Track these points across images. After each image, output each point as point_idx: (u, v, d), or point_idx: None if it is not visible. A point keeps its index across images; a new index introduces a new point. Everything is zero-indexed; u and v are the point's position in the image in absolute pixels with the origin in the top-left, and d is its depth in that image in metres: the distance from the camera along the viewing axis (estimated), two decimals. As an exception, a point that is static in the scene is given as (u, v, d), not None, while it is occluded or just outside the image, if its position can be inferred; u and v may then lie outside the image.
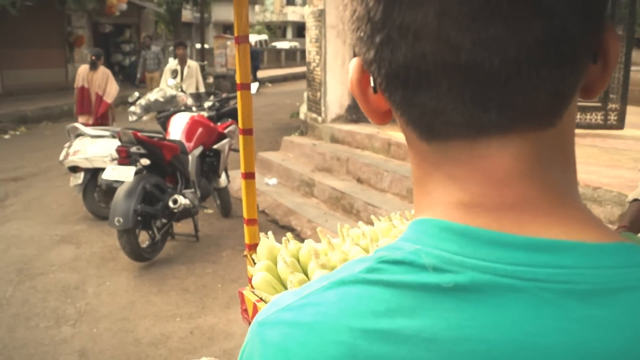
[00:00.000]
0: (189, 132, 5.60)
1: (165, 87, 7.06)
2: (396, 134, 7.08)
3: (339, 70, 8.11)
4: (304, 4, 27.24)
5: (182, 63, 9.13)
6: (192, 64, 9.20)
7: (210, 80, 15.69)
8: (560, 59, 0.40)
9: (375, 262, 0.45)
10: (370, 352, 0.42)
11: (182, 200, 5.01)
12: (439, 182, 0.46)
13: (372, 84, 0.48)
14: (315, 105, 8.53)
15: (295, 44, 35.28)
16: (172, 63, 9.22)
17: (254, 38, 29.47)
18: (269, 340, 0.46)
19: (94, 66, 8.09)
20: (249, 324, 1.71)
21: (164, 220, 5.07)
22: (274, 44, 34.84)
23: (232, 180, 6.41)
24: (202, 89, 8.82)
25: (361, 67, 0.48)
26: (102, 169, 5.32)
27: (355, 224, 2.13)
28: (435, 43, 0.40)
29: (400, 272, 0.43)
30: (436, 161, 0.46)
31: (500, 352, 0.39)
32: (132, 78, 19.18)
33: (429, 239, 0.44)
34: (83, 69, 8.21)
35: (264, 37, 33.48)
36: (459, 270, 0.41)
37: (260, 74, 23.50)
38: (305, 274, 1.52)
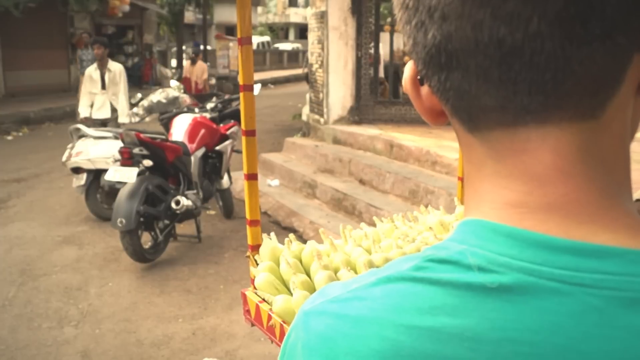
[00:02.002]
0: (192, 134, 5.60)
1: (167, 88, 7.08)
2: (398, 135, 7.08)
3: (341, 71, 8.11)
4: (306, 5, 27.26)
5: (102, 66, 7.27)
6: (115, 67, 7.32)
7: (213, 81, 15.73)
8: (589, 37, 0.39)
9: (422, 261, 0.45)
10: (413, 349, 0.42)
11: (185, 202, 5.01)
12: (485, 179, 0.46)
13: (418, 77, 0.48)
14: (317, 106, 8.54)
15: (297, 45, 35.30)
16: (91, 67, 7.44)
17: (256, 39, 29.50)
18: (313, 329, 0.47)
19: (193, 62, 11.20)
20: (252, 324, 1.71)
21: (167, 222, 5.07)
22: (276, 45, 34.87)
23: (235, 181, 6.42)
24: (123, 103, 7.22)
25: (414, 66, 0.48)
26: (105, 170, 5.34)
27: (357, 225, 2.13)
28: (459, 21, 0.41)
29: (446, 270, 0.43)
30: (482, 156, 0.46)
31: (542, 356, 0.39)
32: (134, 79, 19.27)
33: (475, 239, 0.44)
34: (187, 63, 11.45)
35: (267, 38, 33.54)
36: (504, 271, 0.41)
37: (263, 75, 23.53)
38: (308, 274, 1.52)
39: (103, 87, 7.29)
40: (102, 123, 7.24)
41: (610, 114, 0.42)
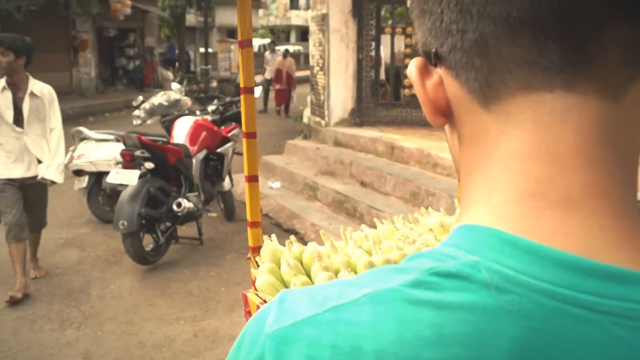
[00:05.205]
0: (193, 136, 5.62)
1: (169, 91, 7.09)
2: (399, 138, 7.09)
3: (342, 74, 8.12)
4: (307, 8, 27.29)
5: (16, 88, 4.27)
6: (44, 90, 4.42)
7: (214, 84, 15.75)
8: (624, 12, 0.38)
9: (423, 274, 0.39)
10: None
11: (186, 204, 5.02)
12: (497, 163, 0.42)
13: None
14: (318, 108, 8.55)
15: (298, 47, 35.33)
16: None
17: (257, 42, 29.54)
18: None
19: (284, 57, 14.57)
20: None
21: (168, 224, 5.08)
22: (277, 47, 34.90)
23: (236, 183, 6.43)
24: (60, 146, 4.42)
25: (423, 60, 0.47)
26: (107, 173, 5.35)
27: (358, 227, 2.14)
28: None
29: (455, 288, 0.37)
30: (497, 133, 0.42)
31: None
32: (136, 82, 19.32)
33: (487, 250, 0.39)
34: (279, 58, 14.65)
35: (268, 41, 33.55)
36: (524, 292, 0.36)
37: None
38: (309, 276, 1.53)
39: (18, 122, 4.28)
40: (20, 185, 4.36)
41: (632, 99, 0.40)
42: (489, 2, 0.40)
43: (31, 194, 4.46)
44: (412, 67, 0.47)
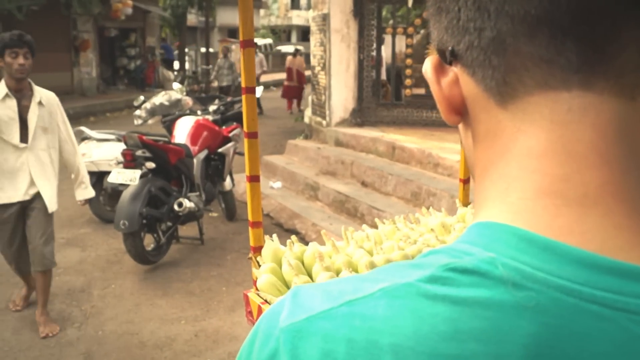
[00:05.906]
0: (194, 136, 5.62)
1: (170, 91, 7.09)
2: (400, 138, 7.09)
3: (344, 74, 8.13)
4: (308, 7, 27.31)
5: (20, 94, 3.66)
6: (49, 97, 3.80)
7: (215, 83, 15.76)
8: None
9: (440, 270, 0.39)
10: None
11: (187, 204, 5.02)
12: (513, 161, 0.42)
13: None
14: (319, 108, 8.55)
15: (300, 47, 35.41)
16: None
17: (258, 42, 29.56)
18: (304, 355, 0.39)
19: (294, 55, 15.61)
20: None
21: (169, 224, 5.08)
22: (278, 47, 34.91)
23: (237, 183, 6.43)
24: (81, 161, 4.07)
25: (438, 59, 0.47)
26: (108, 173, 5.35)
27: (359, 227, 2.14)
28: None
29: (471, 284, 0.37)
30: (513, 131, 0.42)
31: None
32: (137, 82, 19.34)
33: (504, 247, 0.39)
34: (289, 57, 15.90)
35: (269, 40, 33.58)
36: (541, 288, 0.36)
37: (265, 77, 23.56)
38: (310, 276, 1.53)
39: (23, 136, 3.65)
40: (20, 211, 3.75)
41: None
42: (507, 0, 0.40)
43: (33, 221, 3.76)
44: (428, 65, 0.47)
